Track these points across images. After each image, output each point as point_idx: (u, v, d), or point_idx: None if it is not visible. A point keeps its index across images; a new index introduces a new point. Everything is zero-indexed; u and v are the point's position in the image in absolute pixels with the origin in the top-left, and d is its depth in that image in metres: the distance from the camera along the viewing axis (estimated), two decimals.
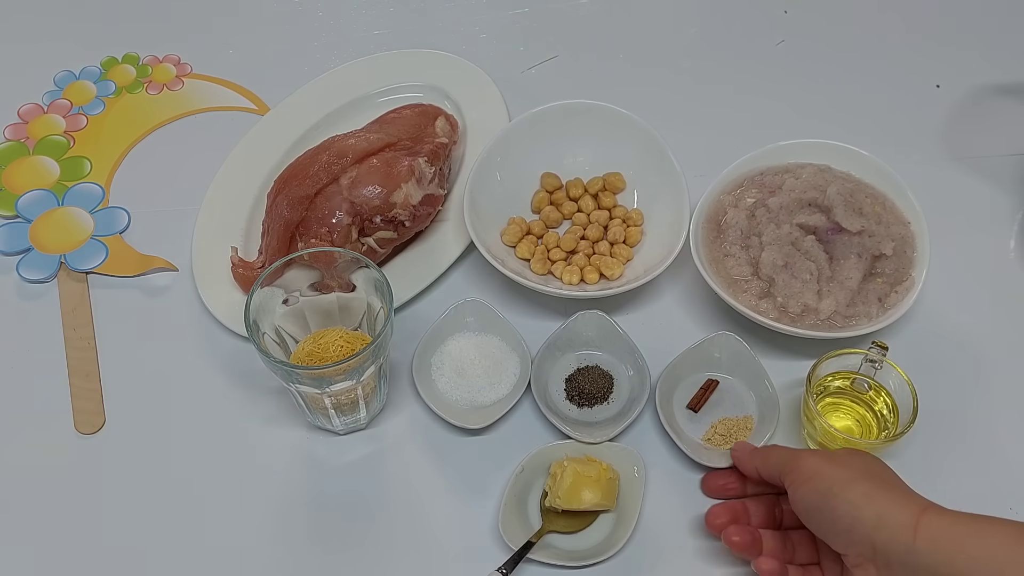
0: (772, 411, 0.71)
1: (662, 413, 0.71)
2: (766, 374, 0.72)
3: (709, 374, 0.74)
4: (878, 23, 1.01)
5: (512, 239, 0.81)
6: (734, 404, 0.73)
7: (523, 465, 0.68)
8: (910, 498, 0.57)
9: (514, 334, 0.75)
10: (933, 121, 0.92)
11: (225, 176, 0.87)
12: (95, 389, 0.76)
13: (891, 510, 0.55)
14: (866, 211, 0.76)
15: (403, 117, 0.86)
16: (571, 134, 0.84)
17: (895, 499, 0.56)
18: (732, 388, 0.74)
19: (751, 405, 0.73)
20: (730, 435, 0.70)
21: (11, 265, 0.82)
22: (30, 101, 0.96)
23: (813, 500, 0.59)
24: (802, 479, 0.60)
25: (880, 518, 0.55)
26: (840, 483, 0.58)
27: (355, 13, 1.03)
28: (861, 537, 0.56)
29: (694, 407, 0.72)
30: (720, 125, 0.91)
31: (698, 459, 0.69)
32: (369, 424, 0.73)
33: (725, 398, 0.73)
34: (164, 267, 0.82)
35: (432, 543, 0.67)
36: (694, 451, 0.69)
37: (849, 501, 0.57)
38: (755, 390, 0.73)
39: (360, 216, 0.77)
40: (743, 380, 0.74)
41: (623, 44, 1.00)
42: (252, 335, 0.65)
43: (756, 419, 0.72)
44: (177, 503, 0.70)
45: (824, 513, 0.58)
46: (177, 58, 0.99)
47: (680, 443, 0.69)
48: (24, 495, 0.70)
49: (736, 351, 0.73)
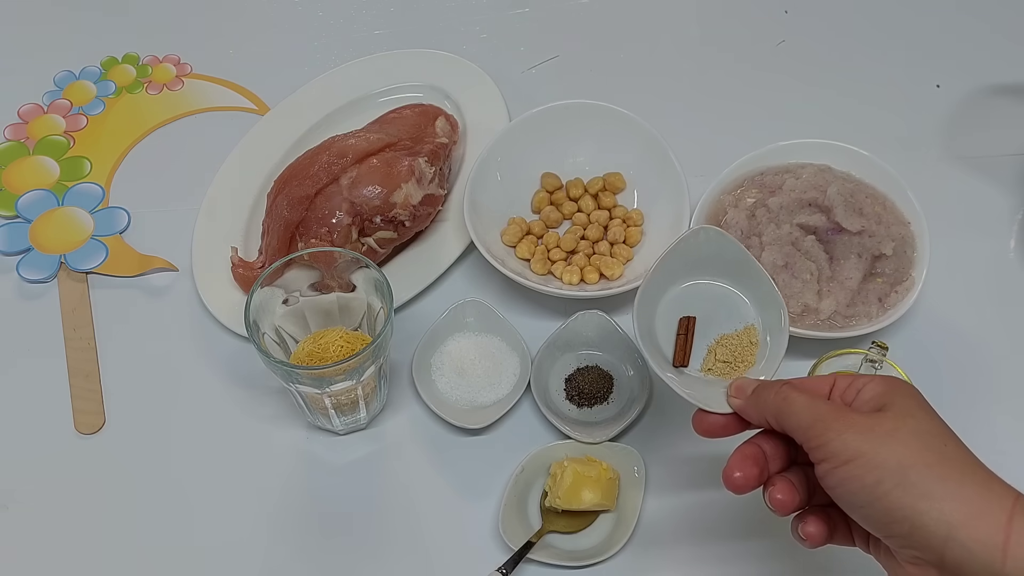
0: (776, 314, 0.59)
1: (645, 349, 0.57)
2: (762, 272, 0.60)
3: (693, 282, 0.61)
4: (878, 23, 1.01)
5: (512, 239, 0.81)
6: (731, 314, 0.60)
7: (523, 465, 0.68)
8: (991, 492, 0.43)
9: (514, 334, 0.75)
10: (933, 121, 0.92)
11: (225, 176, 0.87)
12: (95, 389, 0.76)
13: (967, 517, 0.42)
14: (866, 211, 0.76)
15: (403, 117, 0.86)
16: (571, 134, 0.84)
17: (971, 498, 0.43)
18: (723, 296, 0.61)
19: (749, 312, 0.60)
20: (732, 357, 0.59)
21: (11, 265, 0.82)
22: (30, 101, 0.95)
23: (856, 492, 0.45)
24: (837, 461, 0.46)
25: (952, 529, 0.42)
26: (892, 474, 0.44)
27: (355, 13, 1.03)
28: (924, 546, 0.43)
29: (682, 362, 0.59)
30: (720, 125, 0.91)
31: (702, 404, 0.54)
32: (369, 424, 0.73)
33: (718, 310, 0.60)
34: (164, 267, 0.82)
35: (432, 543, 0.67)
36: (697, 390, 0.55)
37: (908, 504, 0.43)
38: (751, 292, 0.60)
39: (360, 216, 0.77)
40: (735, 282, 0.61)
41: (623, 44, 1.00)
42: (252, 335, 0.65)
43: (760, 329, 0.60)
44: (177, 503, 0.70)
45: (874, 512, 0.45)
46: (177, 58, 0.99)
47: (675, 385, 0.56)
48: (24, 495, 0.70)
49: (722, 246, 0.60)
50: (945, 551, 0.43)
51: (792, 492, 0.50)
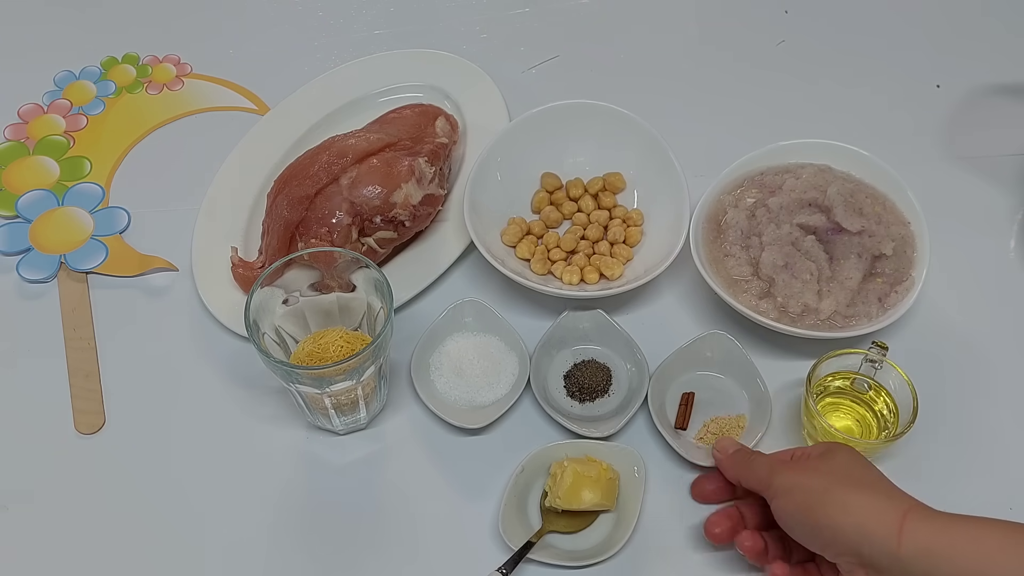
0: (764, 410, 0.70)
1: (655, 413, 0.70)
2: (758, 373, 0.72)
3: (701, 372, 0.74)
4: (878, 23, 1.01)
5: (512, 239, 0.81)
6: (726, 403, 0.73)
7: (523, 465, 0.68)
8: (891, 501, 0.56)
9: (512, 334, 0.75)
10: (933, 121, 0.92)
11: (225, 176, 0.87)
12: (95, 389, 0.76)
13: (871, 518, 0.54)
14: (866, 211, 0.76)
15: (403, 117, 0.86)
16: (571, 134, 0.84)
17: (875, 504, 0.55)
18: (724, 387, 0.73)
19: (743, 404, 0.72)
20: (722, 433, 0.70)
21: (11, 265, 0.82)
22: (30, 101, 0.96)
23: (793, 515, 0.58)
24: (780, 494, 0.59)
25: (861, 528, 0.54)
26: (816, 495, 0.57)
27: (355, 13, 1.03)
28: (846, 548, 0.55)
29: (681, 426, 0.72)
30: (720, 125, 0.91)
31: (690, 458, 0.69)
32: (369, 424, 0.73)
33: (717, 397, 0.73)
34: (164, 267, 0.82)
35: (432, 543, 0.67)
36: (686, 450, 0.69)
37: (828, 515, 0.56)
38: (748, 389, 0.73)
39: (360, 216, 0.77)
40: (735, 379, 0.73)
41: (623, 44, 1.00)
42: (252, 335, 0.65)
43: (749, 418, 0.71)
44: (177, 503, 0.70)
45: (806, 528, 0.57)
46: (177, 58, 0.99)
47: (672, 442, 0.69)
48: (24, 495, 0.70)
49: (728, 350, 0.73)
50: (861, 549, 0.54)
51: (757, 538, 0.62)
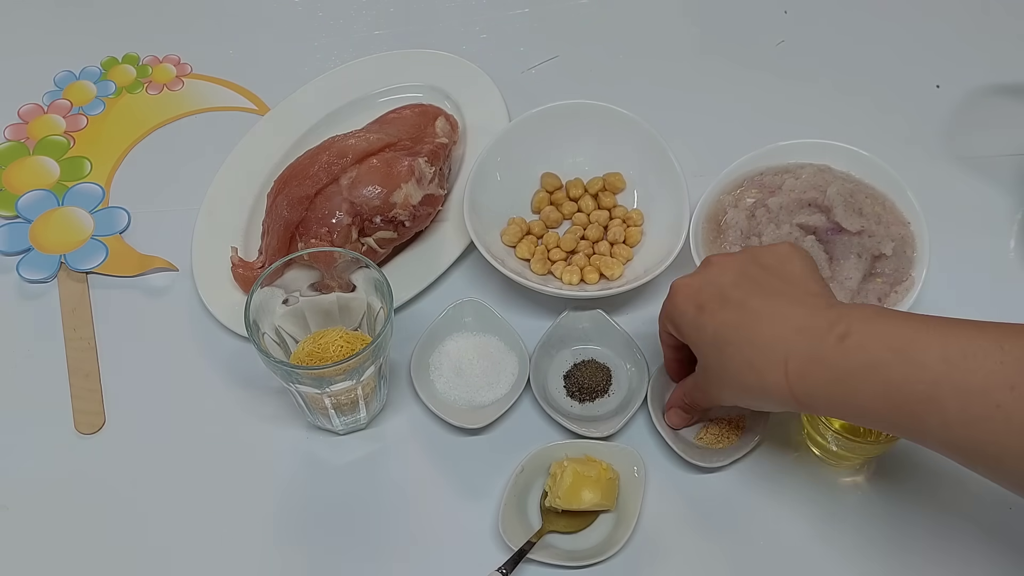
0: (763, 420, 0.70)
1: (654, 413, 0.70)
2: None
3: None
4: (878, 24, 1.01)
5: (512, 239, 0.81)
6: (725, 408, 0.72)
7: (523, 465, 0.68)
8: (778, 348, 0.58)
9: (512, 334, 0.75)
10: (933, 121, 0.92)
11: (225, 176, 0.87)
12: (95, 389, 0.76)
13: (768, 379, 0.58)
14: (866, 211, 0.76)
15: (403, 117, 0.86)
16: (571, 134, 0.84)
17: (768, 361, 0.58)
18: None
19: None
20: (721, 434, 0.70)
21: (11, 265, 0.82)
22: (30, 101, 0.96)
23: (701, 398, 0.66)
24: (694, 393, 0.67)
25: (764, 388, 0.58)
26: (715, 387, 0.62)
27: (355, 13, 1.03)
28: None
29: None
30: (720, 125, 0.91)
31: (690, 458, 0.69)
32: (369, 424, 0.73)
33: None
34: (164, 267, 0.82)
35: (432, 543, 0.67)
36: (686, 450, 0.69)
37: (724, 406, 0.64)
38: None
39: (360, 216, 0.77)
40: None
41: (623, 44, 1.00)
42: (252, 335, 0.65)
43: (748, 418, 0.71)
44: (177, 503, 0.70)
45: None
46: (177, 58, 0.99)
47: (672, 442, 0.69)
48: (24, 495, 0.70)
49: None
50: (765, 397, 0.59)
51: None
